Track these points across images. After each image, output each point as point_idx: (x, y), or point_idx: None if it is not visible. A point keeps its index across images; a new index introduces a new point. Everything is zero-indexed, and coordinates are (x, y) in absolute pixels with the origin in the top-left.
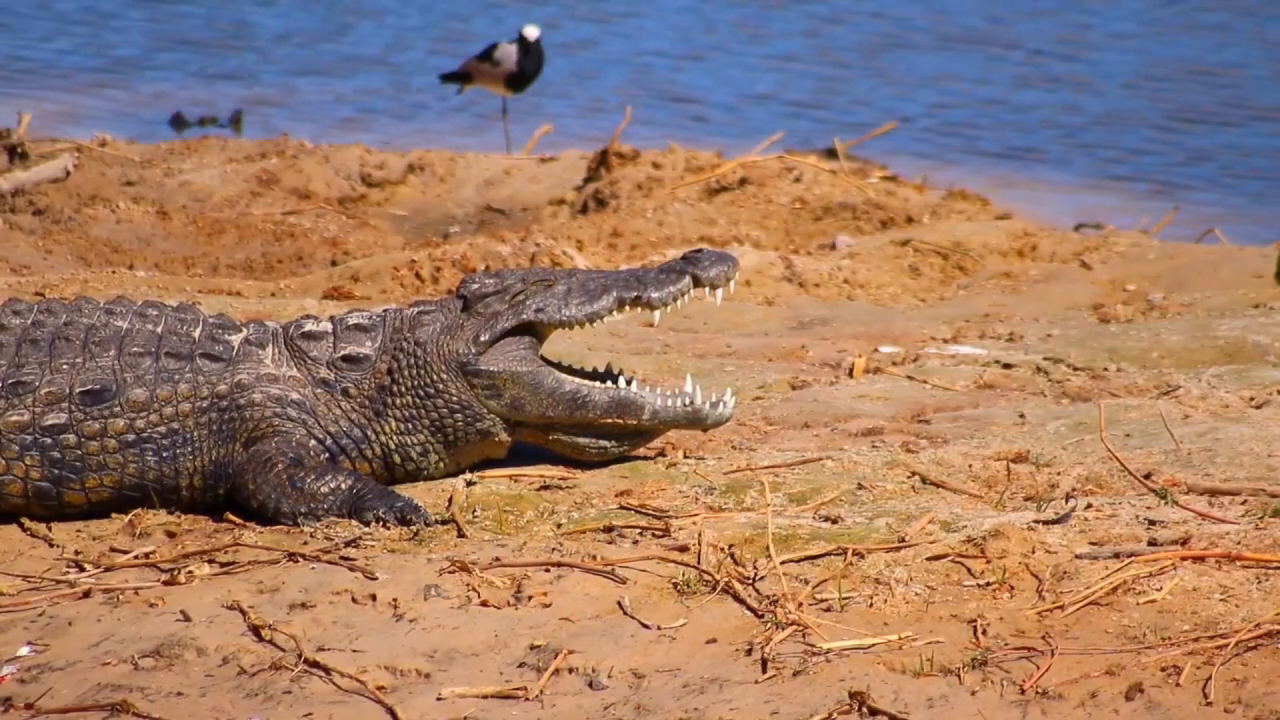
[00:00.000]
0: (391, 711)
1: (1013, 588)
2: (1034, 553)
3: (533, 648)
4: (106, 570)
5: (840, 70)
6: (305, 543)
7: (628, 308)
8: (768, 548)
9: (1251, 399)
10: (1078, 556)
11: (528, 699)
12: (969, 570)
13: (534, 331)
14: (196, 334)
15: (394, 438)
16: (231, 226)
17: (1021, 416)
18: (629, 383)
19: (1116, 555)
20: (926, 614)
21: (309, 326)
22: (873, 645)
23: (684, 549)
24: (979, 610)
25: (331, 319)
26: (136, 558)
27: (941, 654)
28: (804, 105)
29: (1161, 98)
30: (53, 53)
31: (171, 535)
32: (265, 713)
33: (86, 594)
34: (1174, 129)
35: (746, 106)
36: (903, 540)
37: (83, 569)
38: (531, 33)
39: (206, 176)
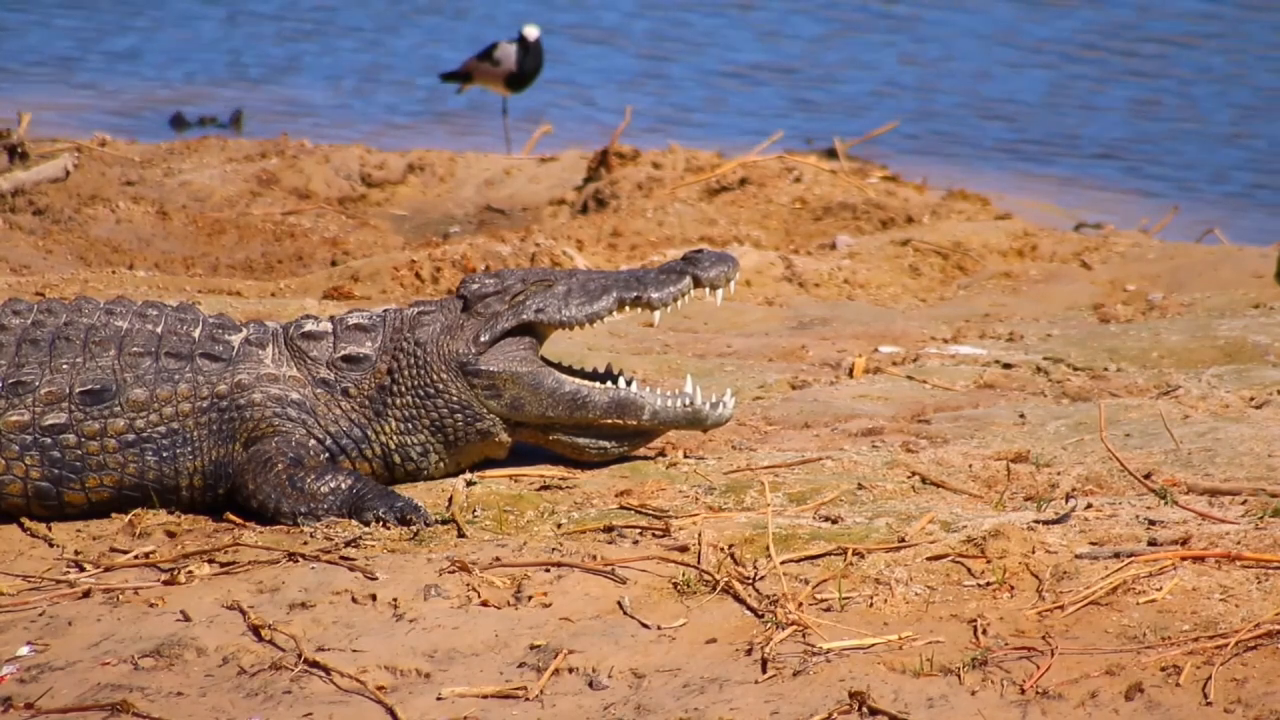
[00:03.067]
0: (391, 711)
1: (1013, 588)
2: (1034, 553)
3: (533, 648)
4: (106, 570)
5: (840, 70)
6: (305, 543)
7: (628, 308)
8: (768, 548)
9: (1251, 399)
10: (1078, 556)
11: (528, 699)
12: (969, 570)
13: (534, 332)
14: (196, 334)
15: (394, 438)
16: (231, 226)
17: (1021, 416)
18: (629, 383)
19: (1116, 555)
20: (926, 614)
21: (309, 326)
22: (873, 645)
23: (684, 549)
24: (979, 610)
25: (331, 319)
26: (136, 558)
27: (941, 654)
28: (803, 104)
29: (1162, 98)
30: (53, 52)
31: (171, 535)
32: (265, 713)
33: (86, 594)
34: (1173, 129)
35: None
36: (903, 540)
37: (83, 569)
38: (531, 33)
39: (206, 176)
